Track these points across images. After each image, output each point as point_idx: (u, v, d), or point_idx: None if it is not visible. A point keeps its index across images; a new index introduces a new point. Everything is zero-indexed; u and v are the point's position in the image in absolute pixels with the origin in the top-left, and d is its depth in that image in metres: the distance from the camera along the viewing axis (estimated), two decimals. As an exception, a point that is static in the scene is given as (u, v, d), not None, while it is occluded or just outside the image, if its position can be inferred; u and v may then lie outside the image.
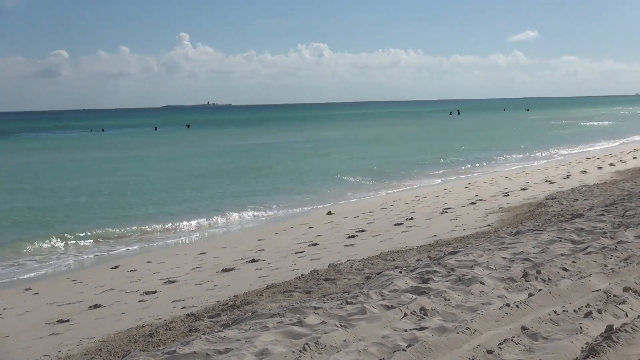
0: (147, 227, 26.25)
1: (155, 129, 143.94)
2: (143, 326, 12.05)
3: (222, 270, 17.28)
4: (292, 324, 8.78)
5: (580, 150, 54.10)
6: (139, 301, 14.84)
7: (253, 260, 18.20)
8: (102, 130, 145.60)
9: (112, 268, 19.61)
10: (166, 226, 26.30)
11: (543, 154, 52.33)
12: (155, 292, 15.57)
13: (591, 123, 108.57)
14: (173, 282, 16.55)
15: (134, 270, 18.80)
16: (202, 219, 27.75)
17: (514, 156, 51.05)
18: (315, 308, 9.49)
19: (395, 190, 34.74)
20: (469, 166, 45.38)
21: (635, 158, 39.36)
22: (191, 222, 27.17)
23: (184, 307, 13.40)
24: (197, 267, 18.26)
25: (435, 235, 18.95)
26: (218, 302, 13.06)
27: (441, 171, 42.83)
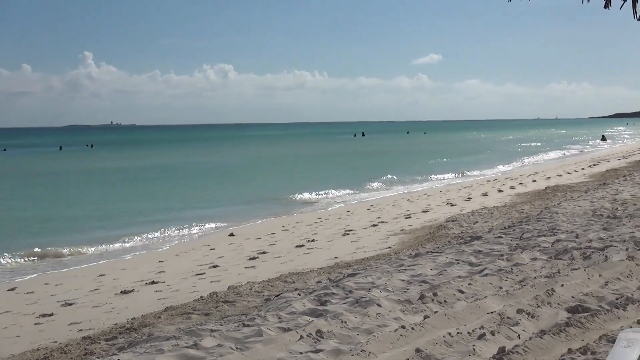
0: (45, 248, 25.70)
1: (60, 148, 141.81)
2: (38, 349, 11.82)
3: (121, 292, 17.04)
4: (187, 347, 8.70)
5: (483, 173, 54.75)
6: (35, 324, 14.51)
7: (153, 282, 18.01)
8: (4, 149, 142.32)
9: (8, 290, 19.11)
10: (65, 248, 25.77)
11: (444, 177, 52.79)
12: (52, 314, 15.25)
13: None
14: (71, 304, 16.25)
15: (31, 293, 18.37)
16: (102, 240, 27.23)
17: (416, 178, 51.46)
18: (212, 330, 9.42)
19: (297, 212, 34.66)
20: (372, 188, 45.49)
21: (534, 181, 40.05)
22: (91, 243, 26.65)
23: (80, 330, 13.17)
24: (96, 289, 17.96)
25: (336, 257, 19.01)
26: (115, 324, 12.86)
27: (344, 192, 42.76)
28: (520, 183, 39.31)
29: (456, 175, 54.16)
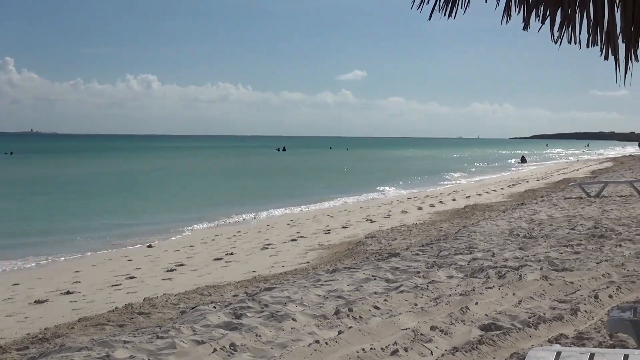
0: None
1: None
2: (-54, 358, 11.56)
3: (35, 302, 16.71)
4: (99, 358, 8.63)
5: (404, 191, 54.92)
6: (-56, 334, 14.20)
7: (68, 292, 17.70)
8: None
9: None
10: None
11: (366, 193, 52.81)
12: (-39, 324, 14.94)
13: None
14: (-18, 313, 15.94)
15: (-59, 301, 17.99)
16: (16, 249, 26.73)
17: (338, 194, 51.39)
18: (125, 342, 9.32)
19: (216, 225, 34.37)
20: (292, 203, 45.28)
21: (454, 200, 40.39)
22: (5, 252, 26.12)
23: (-9, 340, 12.91)
24: (9, 298, 17.58)
25: (254, 271, 18.94)
26: (28, 334, 12.60)
27: (265, 207, 42.50)
28: (440, 201, 39.61)
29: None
